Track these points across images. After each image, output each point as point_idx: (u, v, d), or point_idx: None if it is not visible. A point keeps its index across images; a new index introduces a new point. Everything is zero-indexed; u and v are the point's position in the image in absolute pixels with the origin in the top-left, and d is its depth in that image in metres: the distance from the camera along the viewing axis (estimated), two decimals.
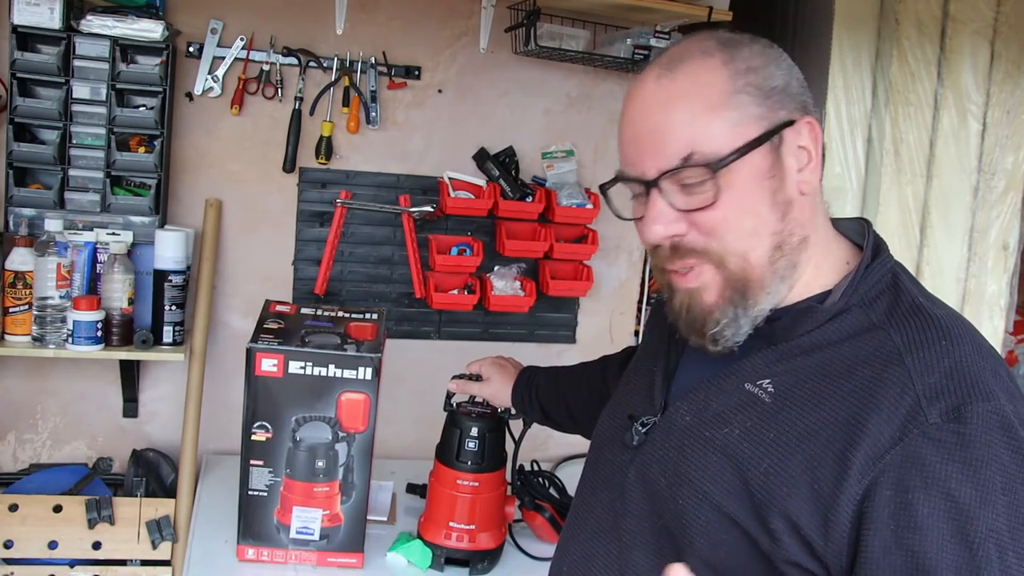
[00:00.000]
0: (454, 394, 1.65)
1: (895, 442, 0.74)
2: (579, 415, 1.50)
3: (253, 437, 1.54)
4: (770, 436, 0.81)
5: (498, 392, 1.61)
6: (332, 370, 1.52)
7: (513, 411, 1.62)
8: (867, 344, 0.81)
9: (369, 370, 1.52)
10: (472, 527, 1.61)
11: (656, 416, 0.94)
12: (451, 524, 1.61)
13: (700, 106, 0.83)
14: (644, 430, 0.94)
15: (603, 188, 0.94)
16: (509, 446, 1.65)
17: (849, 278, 0.86)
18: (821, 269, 0.89)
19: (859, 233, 0.92)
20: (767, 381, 0.84)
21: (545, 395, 1.55)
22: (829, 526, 0.75)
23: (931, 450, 0.72)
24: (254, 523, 1.58)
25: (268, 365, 1.52)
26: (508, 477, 1.68)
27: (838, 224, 0.94)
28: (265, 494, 1.57)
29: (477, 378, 1.64)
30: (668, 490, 0.88)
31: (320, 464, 1.55)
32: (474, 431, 1.59)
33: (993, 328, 2.45)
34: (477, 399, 1.65)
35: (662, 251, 0.88)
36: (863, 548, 0.73)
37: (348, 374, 1.52)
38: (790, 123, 0.85)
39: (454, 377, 1.66)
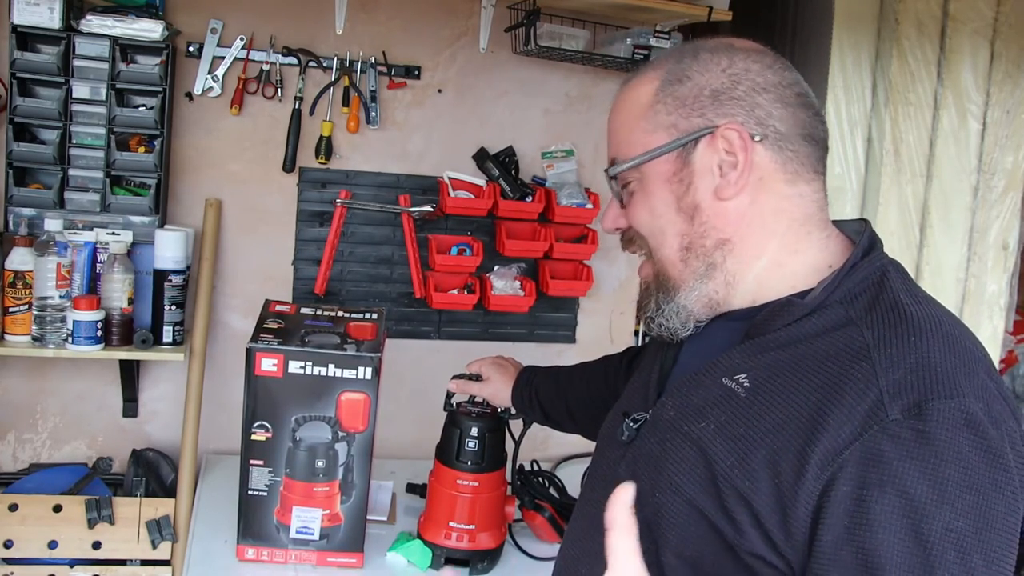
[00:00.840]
0: (454, 394, 1.65)
1: (855, 438, 0.73)
2: (579, 415, 1.50)
3: (253, 437, 1.54)
4: (740, 431, 0.81)
5: (498, 392, 1.61)
6: (332, 370, 1.52)
7: (513, 411, 1.62)
8: (839, 340, 0.81)
9: (369, 370, 1.52)
10: (472, 527, 1.61)
11: (647, 412, 0.95)
12: (451, 524, 1.61)
13: (627, 115, 0.94)
14: (635, 426, 0.95)
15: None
16: (509, 446, 1.65)
17: (833, 274, 0.87)
18: (788, 268, 0.89)
19: (860, 233, 0.93)
20: (743, 376, 0.85)
21: (545, 395, 1.55)
22: (789, 521, 0.75)
23: (889, 446, 0.72)
24: (254, 523, 1.58)
25: (268, 365, 1.52)
26: (508, 477, 1.68)
27: (842, 225, 0.94)
28: (265, 494, 1.57)
29: (477, 378, 1.64)
30: (648, 484, 0.89)
31: (320, 464, 1.55)
32: (474, 431, 1.59)
33: (993, 328, 2.45)
34: (477, 399, 1.65)
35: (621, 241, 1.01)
36: (816, 543, 0.73)
37: (348, 374, 1.52)
38: (709, 130, 0.88)
39: (454, 377, 1.66)
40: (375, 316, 1.70)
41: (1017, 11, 2.31)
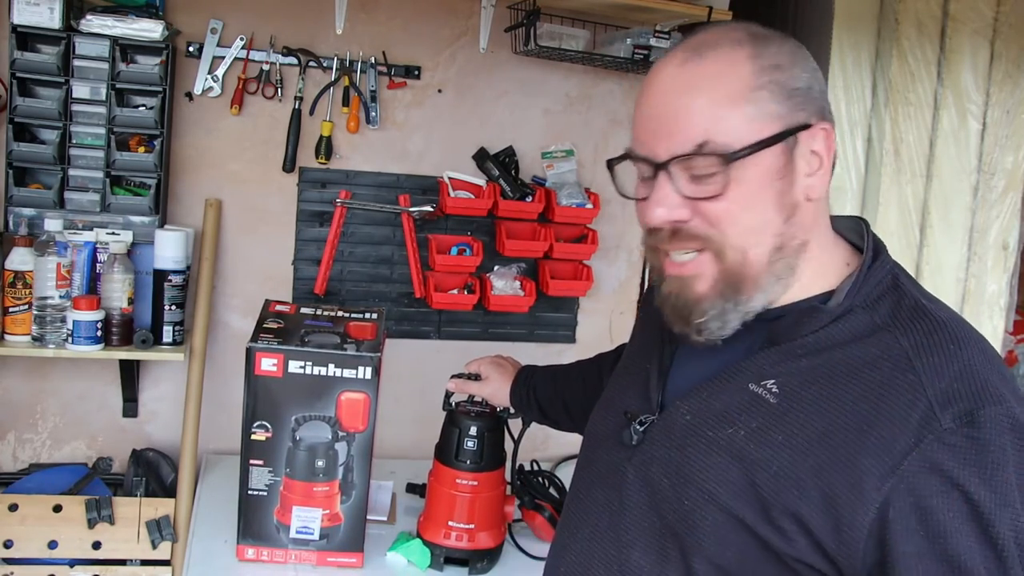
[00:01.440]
0: (453, 393, 1.66)
1: (911, 448, 0.74)
2: (576, 413, 1.50)
3: (253, 437, 1.54)
4: (778, 438, 0.81)
5: (497, 391, 1.61)
6: (332, 370, 1.52)
7: (512, 410, 1.62)
8: (873, 346, 0.81)
9: (369, 369, 1.52)
10: (471, 526, 1.61)
11: (654, 415, 0.94)
12: (450, 523, 1.61)
13: (721, 96, 0.82)
14: (642, 429, 0.94)
15: (611, 163, 0.93)
16: (508, 445, 1.65)
17: (852, 279, 0.87)
18: (821, 270, 0.89)
19: (857, 233, 0.93)
20: (771, 382, 0.84)
21: (543, 394, 1.55)
22: (842, 529, 0.76)
23: (947, 455, 0.73)
24: (254, 523, 1.58)
25: (268, 365, 1.52)
26: (507, 476, 1.68)
27: (836, 223, 0.93)
28: (265, 494, 1.57)
29: (476, 377, 1.64)
30: (672, 491, 0.88)
31: (320, 464, 1.55)
32: (473, 430, 1.59)
33: (993, 328, 2.45)
34: (476, 398, 1.65)
35: (661, 233, 0.87)
36: (894, 556, 0.74)
37: (348, 374, 1.52)
38: (806, 126, 0.84)
39: (453, 376, 1.66)
40: (375, 316, 1.70)
41: (1017, 11, 2.31)
